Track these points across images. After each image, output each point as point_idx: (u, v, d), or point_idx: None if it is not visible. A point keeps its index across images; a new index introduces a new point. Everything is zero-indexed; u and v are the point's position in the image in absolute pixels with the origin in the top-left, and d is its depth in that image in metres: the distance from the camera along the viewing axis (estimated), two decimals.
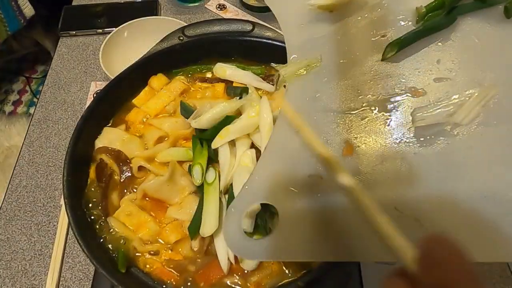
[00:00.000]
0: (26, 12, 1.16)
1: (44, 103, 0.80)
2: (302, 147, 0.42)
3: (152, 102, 0.64)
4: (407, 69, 0.44)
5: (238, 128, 0.55)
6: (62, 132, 0.75)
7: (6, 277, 0.60)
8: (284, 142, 0.43)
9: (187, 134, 0.59)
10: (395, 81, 0.43)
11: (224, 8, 0.97)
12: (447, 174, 0.38)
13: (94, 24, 0.93)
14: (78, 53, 0.89)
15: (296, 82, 0.46)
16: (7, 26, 1.16)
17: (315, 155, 0.41)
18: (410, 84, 0.43)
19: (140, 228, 0.53)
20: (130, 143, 0.59)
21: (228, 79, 0.65)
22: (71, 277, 0.60)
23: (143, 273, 0.51)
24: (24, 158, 0.72)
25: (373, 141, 0.41)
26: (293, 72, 0.46)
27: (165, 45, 0.65)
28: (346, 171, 0.39)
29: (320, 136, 0.42)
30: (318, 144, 0.41)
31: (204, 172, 0.53)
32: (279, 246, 0.37)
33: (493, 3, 0.45)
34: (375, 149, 0.40)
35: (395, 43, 0.44)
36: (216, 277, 0.50)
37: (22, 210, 0.66)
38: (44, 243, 0.63)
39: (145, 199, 0.55)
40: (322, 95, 0.44)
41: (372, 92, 0.43)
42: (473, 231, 0.35)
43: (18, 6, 1.13)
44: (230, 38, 0.67)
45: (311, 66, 0.46)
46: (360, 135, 0.41)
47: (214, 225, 0.49)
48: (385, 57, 0.45)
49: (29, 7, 1.17)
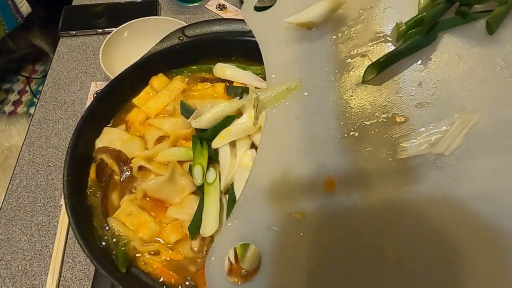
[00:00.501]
0: (23, 10, 1.16)
1: (44, 103, 0.80)
2: (283, 181, 0.39)
3: (152, 102, 0.64)
4: (388, 93, 0.42)
5: (240, 130, 0.55)
6: (62, 132, 0.75)
7: (6, 277, 0.60)
8: (263, 175, 0.40)
9: (187, 134, 0.59)
10: (376, 107, 0.41)
11: (224, 8, 0.97)
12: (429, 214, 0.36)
13: (94, 24, 0.93)
14: (78, 53, 0.89)
15: (276, 107, 0.43)
16: (4, 25, 1.15)
17: (296, 190, 0.39)
18: (392, 110, 0.41)
19: (140, 228, 0.53)
20: (130, 143, 0.59)
21: (228, 79, 0.65)
22: (71, 277, 0.60)
23: (143, 273, 0.51)
24: (24, 158, 0.72)
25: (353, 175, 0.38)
26: (273, 97, 0.43)
27: (165, 45, 0.65)
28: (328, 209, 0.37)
29: (300, 167, 0.39)
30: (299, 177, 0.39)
31: (204, 172, 0.53)
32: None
33: (474, 18, 0.44)
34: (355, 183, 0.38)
35: (374, 65, 0.42)
36: None
37: (22, 210, 0.66)
38: (44, 243, 0.63)
39: (145, 199, 0.55)
40: (302, 121, 0.42)
41: (352, 118, 0.41)
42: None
43: (14, 4, 1.13)
44: (230, 38, 0.67)
45: (291, 90, 0.43)
46: (340, 168, 0.39)
47: (215, 225, 0.49)
48: (365, 80, 0.43)
49: (25, 5, 1.16)
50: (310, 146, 0.40)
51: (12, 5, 1.12)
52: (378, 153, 0.39)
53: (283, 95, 0.43)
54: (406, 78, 0.42)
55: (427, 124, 0.39)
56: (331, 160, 0.39)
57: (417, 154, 0.38)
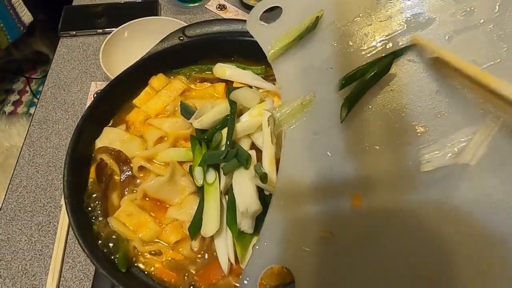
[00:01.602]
0: (24, 20, 1.17)
1: (44, 103, 0.80)
2: (309, 200, 0.38)
3: (152, 102, 0.64)
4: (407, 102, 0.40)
5: (240, 129, 0.55)
6: (62, 132, 0.75)
7: (7, 277, 0.60)
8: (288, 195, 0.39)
9: (187, 134, 0.59)
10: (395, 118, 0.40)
11: (224, 8, 0.97)
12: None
13: (94, 24, 0.93)
14: (78, 53, 0.89)
15: (293, 123, 0.42)
16: (7, 35, 1.16)
17: (323, 208, 0.38)
18: (412, 120, 0.39)
19: (140, 228, 0.53)
20: (130, 143, 0.59)
21: (228, 79, 0.65)
22: (71, 277, 0.60)
23: (143, 273, 0.51)
24: (24, 158, 0.72)
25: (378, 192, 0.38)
26: (288, 114, 0.42)
27: (165, 45, 0.65)
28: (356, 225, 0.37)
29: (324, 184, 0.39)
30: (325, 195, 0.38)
31: (204, 173, 0.53)
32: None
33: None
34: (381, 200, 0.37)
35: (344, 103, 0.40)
36: (216, 277, 0.50)
37: (23, 210, 0.66)
38: (44, 243, 0.63)
39: (145, 199, 0.55)
40: (322, 137, 0.41)
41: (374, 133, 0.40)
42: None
43: (16, 14, 1.14)
44: (230, 38, 0.67)
45: (305, 105, 0.42)
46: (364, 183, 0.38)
47: (216, 225, 0.49)
48: (342, 119, 0.40)
49: (27, 14, 1.17)
50: (333, 162, 0.40)
51: (14, 15, 1.13)
52: (402, 166, 0.38)
53: (298, 110, 0.42)
54: (424, 87, 0.41)
55: (448, 133, 0.38)
56: (355, 175, 0.39)
57: (442, 165, 0.37)
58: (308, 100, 0.42)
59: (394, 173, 0.38)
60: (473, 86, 0.38)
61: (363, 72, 0.41)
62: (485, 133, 0.37)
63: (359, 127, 0.40)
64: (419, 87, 0.41)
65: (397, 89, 0.41)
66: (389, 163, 0.38)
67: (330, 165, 0.39)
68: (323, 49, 0.44)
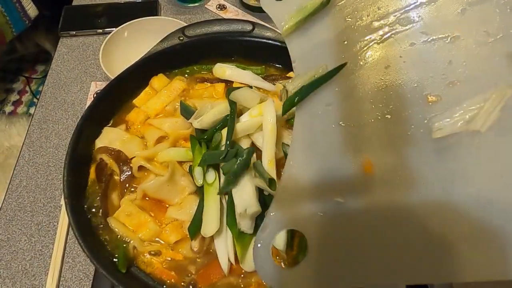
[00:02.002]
0: (30, 13, 1.17)
1: (44, 103, 0.80)
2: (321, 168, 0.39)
3: (152, 102, 0.64)
4: (419, 73, 0.41)
5: (240, 129, 0.55)
6: (62, 132, 0.75)
7: (7, 277, 0.60)
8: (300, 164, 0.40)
9: (187, 134, 0.59)
10: (407, 88, 0.41)
11: (224, 8, 0.97)
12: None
13: (94, 24, 0.93)
14: (78, 53, 0.89)
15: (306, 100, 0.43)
16: (12, 28, 1.16)
17: (335, 174, 0.39)
18: (424, 90, 0.40)
19: (140, 228, 0.53)
20: (130, 143, 0.59)
21: (228, 79, 0.65)
22: (71, 277, 0.60)
23: (143, 273, 0.51)
24: (24, 158, 0.72)
25: (390, 155, 0.39)
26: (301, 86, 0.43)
27: (165, 45, 0.65)
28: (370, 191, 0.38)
29: (335, 152, 0.40)
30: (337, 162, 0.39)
31: (204, 173, 0.53)
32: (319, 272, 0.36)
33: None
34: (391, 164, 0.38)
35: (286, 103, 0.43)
36: (216, 277, 0.50)
37: (23, 210, 0.66)
38: (44, 243, 0.63)
39: (145, 199, 0.55)
40: (334, 108, 0.42)
41: (385, 102, 0.41)
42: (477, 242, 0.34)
43: (22, 7, 1.14)
44: (230, 38, 0.67)
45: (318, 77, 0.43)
46: (377, 149, 0.39)
47: (216, 225, 0.49)
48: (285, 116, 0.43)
49: (33, 8, 1.17)
50: (345, 131, 0.41)
51: (20, 8, 1.13)
52: (414, 134, 0.39)
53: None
54: (437, 58, 0.41)
55: (460, 102, 0.39)
56: (367, 143, 0.40)
57: (452, 132, 0.38)
58: (320, 72, 0.43)
59: (407, 140, 0.39)
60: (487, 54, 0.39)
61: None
62: (497, 100, 0.38)
63: (373, 98, 0.41)
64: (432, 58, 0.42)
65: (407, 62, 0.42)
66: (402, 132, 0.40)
67: (343, 134, 0.41)
68: (337, 24, 0.45)
